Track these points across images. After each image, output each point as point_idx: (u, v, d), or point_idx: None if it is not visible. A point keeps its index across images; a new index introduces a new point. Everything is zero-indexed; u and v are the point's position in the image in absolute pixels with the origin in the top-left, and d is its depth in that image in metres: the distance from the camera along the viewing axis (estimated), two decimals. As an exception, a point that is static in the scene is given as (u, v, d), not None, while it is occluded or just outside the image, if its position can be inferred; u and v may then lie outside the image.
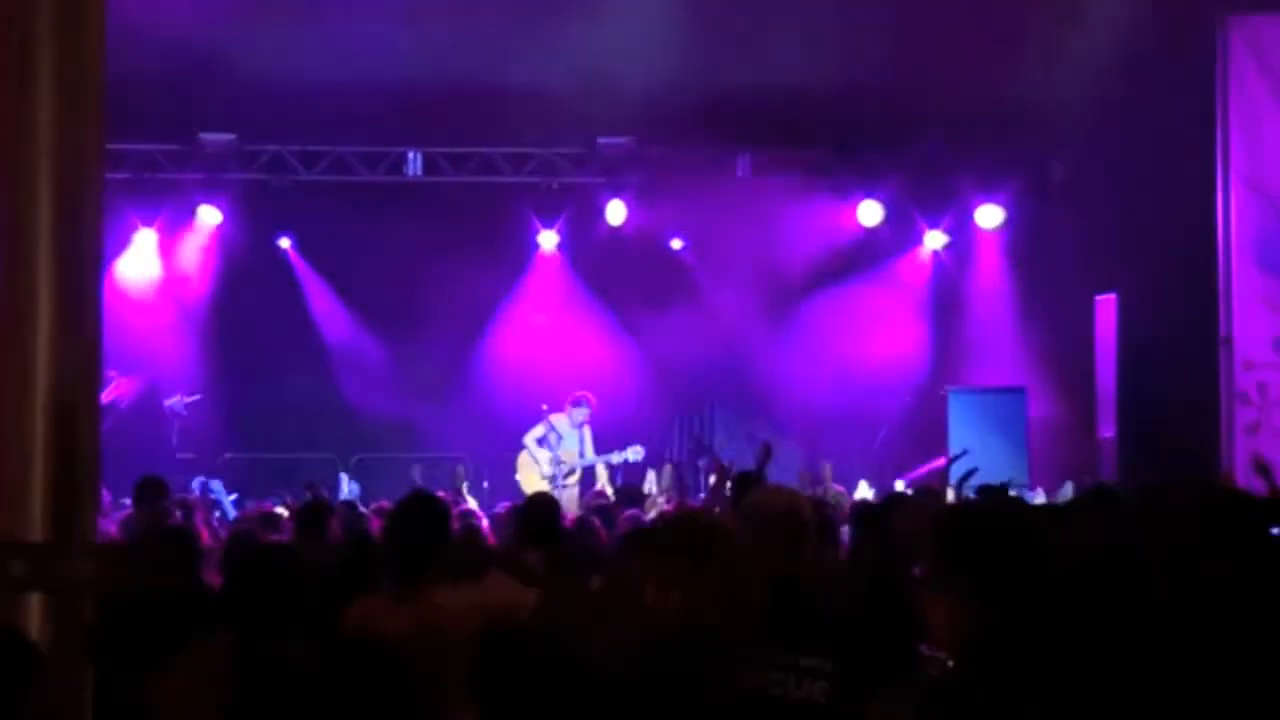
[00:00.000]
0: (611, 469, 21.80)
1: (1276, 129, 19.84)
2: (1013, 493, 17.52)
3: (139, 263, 22.31)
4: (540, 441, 21.61)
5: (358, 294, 22.93)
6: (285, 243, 23.09)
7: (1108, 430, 22.44)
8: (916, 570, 6.56)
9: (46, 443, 6.81)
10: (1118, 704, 5.08)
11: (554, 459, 21.24)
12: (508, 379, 22.63)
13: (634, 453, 21.87)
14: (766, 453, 18.04)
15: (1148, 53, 19.78)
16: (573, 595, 8.19)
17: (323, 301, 23.16)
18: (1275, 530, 8.87)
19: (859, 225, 23.91)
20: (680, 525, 6.68)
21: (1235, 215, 19.95)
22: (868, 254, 24.02)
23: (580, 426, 21.61)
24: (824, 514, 14.91)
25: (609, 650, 5.44)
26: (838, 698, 6.02)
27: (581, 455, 21.53)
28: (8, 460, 6.84)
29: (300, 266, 23.24)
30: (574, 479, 21.19)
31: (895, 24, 20.24)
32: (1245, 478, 18.53)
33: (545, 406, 21.68)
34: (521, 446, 21.59)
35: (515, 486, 20.59)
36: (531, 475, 20.88)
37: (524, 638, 6.57)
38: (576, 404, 21.61)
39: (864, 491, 20.32)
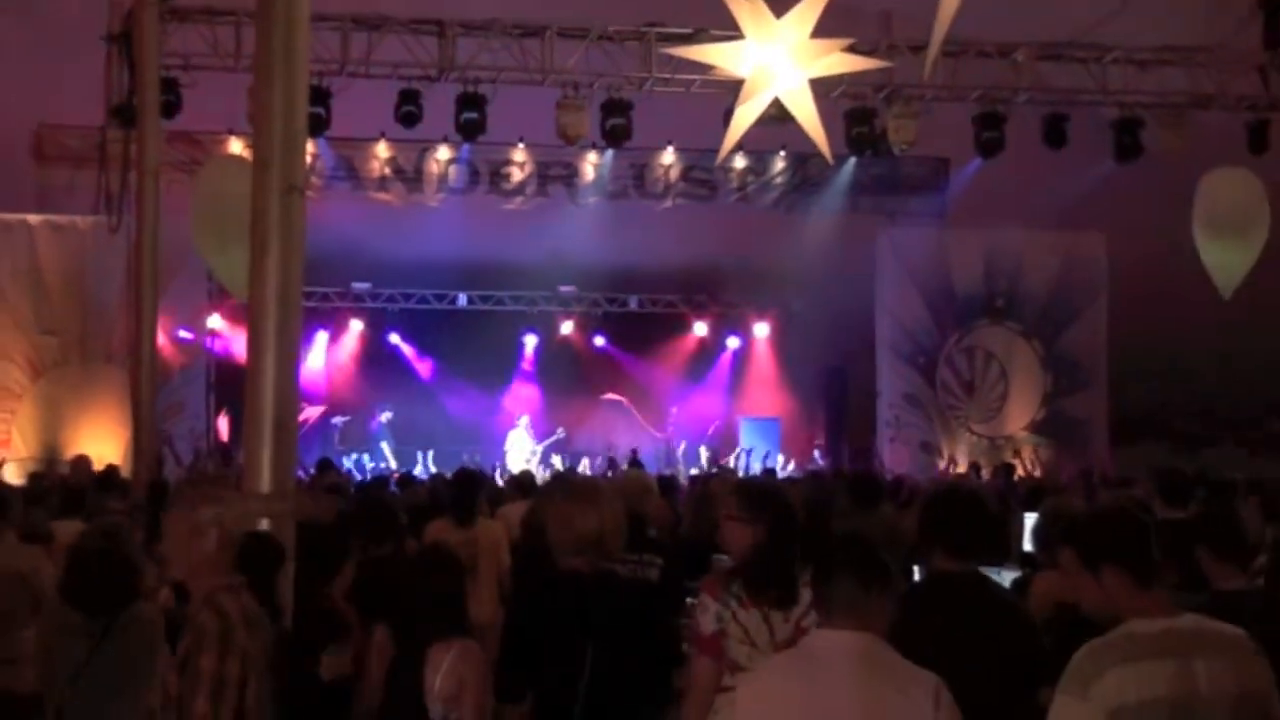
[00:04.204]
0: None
1: (904, 289, 19.85)
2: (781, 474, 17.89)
3: (319, 350, 22.10)
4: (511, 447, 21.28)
5: (433, 366, 22.60)
6: (395, 338, 22.71)
7: (820, 440, 22.48)
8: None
9: (272, 443, 6.89)
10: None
11: (530, 455, 20.75)
12: (503, 412, 22.18)
13: (560, 432, 21.43)
14: (634, 454, 18.14)
15: (845, 248, 19.85)
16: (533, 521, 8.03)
17: (415, 370, 22.77)
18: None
19: (695, 335, 23.64)
20: (572, 481, 6.55)
21: (886, 331, 19.92)
22: (699, 350, 23.71)
23: (528, 430, 21.16)
24: (674, 482, 15.10)
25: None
26: (664, 578, 5.98)
27: (536, 442, 21.10)
28: (253, 452, 6.98)
29: (403, 352, 22.79)
30: (535, 458, 20.56)
31: (710, 234, 20.20)
32: (891, 465, 18.76)
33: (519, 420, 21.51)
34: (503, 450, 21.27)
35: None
36: (518, 464, 20.21)
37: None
38: (517, 421, 21.30)
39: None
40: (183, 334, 18.06)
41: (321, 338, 21.93)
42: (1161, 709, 3.31)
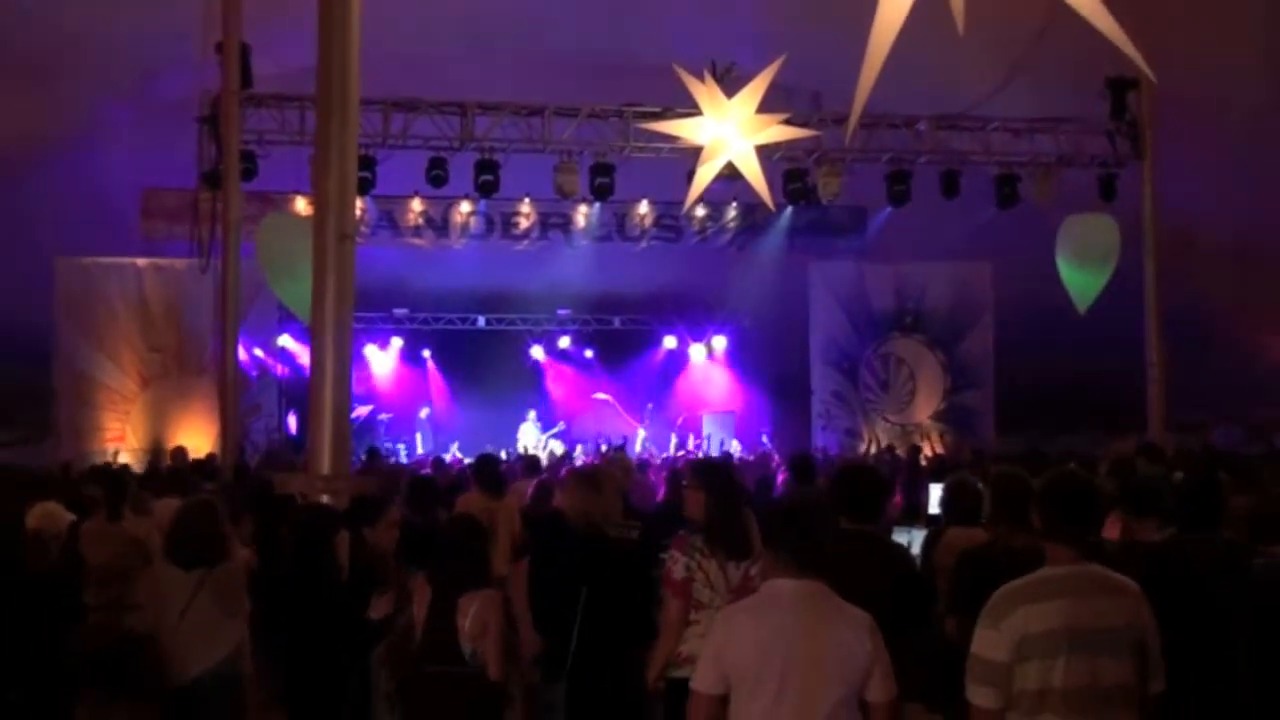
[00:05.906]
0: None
1: (831, 309, 19.81)
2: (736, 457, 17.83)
3: (368, 361, 21.85)
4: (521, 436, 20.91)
5: (458, 376, 22.31)
6: (426, 353, 22.35)
7: (766, 428, 22.29)
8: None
9: (330, 435, 6.99)
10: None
11: (537, 443, 20.35)
12: (515, 408, 21.74)
13: (560, 427, 21.28)
14: (622, 445, 18.07)
15: (784, 277, 19.85)
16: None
17: (440, 379, 22.52)
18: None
19: (665, 347, 23.32)
20: (581, 469, 6.64)
21: (817, 343, 19.82)
22: (668, 359, 23.42)
23: (535, 423, 20.87)
24: (649, 464, 15.06)
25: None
26: (644, 539, 5.87)
27: (542, 432, 20.83)
28: (315, 445, 7.06)
29: (432, 365, 22.46)
30: (541, 445, 20.06)
31: (677, 268, 20.18)
32: (823, 447, 18.50)
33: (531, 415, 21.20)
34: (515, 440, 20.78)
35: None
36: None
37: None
38: (526, 415, 20.97)
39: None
40: (258, 351, 18.13)
41: (370, 351, 21.79)
42: (1059, 637, 3.38)
